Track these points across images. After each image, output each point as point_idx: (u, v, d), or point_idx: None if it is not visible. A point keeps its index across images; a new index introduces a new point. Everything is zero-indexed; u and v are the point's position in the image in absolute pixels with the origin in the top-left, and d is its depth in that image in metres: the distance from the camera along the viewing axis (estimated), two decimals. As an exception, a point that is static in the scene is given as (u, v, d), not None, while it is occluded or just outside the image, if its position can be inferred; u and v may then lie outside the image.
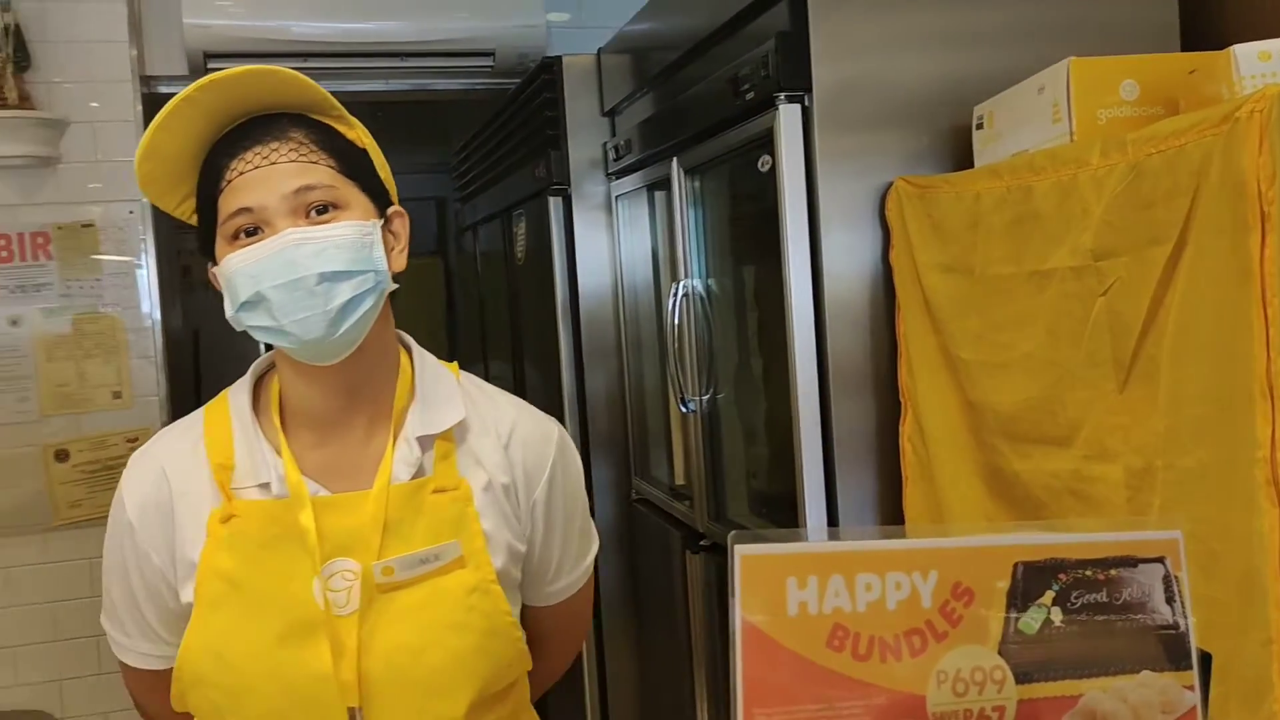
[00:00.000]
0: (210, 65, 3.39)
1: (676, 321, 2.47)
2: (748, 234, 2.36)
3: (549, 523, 1.28)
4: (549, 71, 3.07)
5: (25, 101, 3.12)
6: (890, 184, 1.90)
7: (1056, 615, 0.81)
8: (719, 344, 2.43)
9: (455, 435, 1.22)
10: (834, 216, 1.92)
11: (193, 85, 1.09)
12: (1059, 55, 1.63)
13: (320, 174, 1.12)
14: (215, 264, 1.17)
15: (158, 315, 3.31)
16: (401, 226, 1.22)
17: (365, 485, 1.18)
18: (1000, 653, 0.80)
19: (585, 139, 3.04)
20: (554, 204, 3.05)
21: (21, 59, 3.13)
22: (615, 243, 3.02)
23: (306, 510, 1.14)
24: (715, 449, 2.47)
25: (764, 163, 2.00)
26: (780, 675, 0.74)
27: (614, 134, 3.03)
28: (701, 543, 2.49)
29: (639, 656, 3.11)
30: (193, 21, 3.30)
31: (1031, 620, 0.80)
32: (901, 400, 1.88)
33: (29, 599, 3.22)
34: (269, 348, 1.21)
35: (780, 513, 2.26)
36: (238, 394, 1.24)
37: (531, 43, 3.53)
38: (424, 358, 1.27)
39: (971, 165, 1.85)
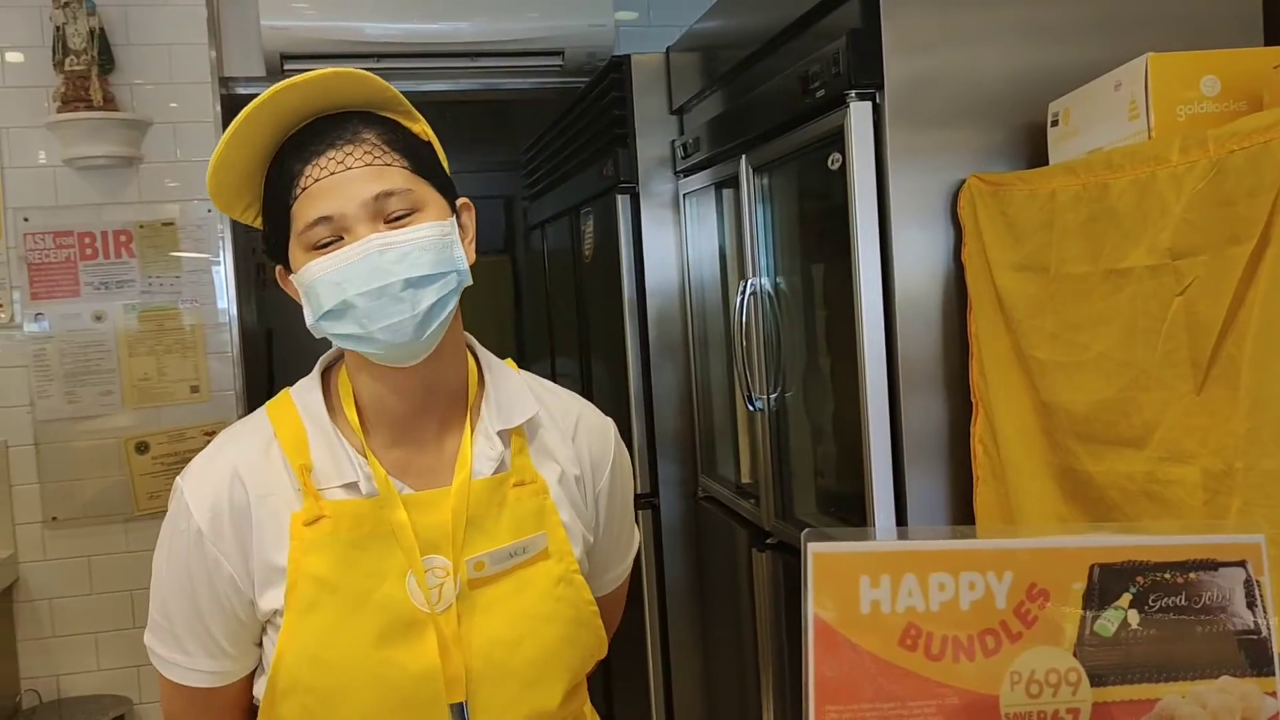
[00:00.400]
0: (286, 67, 3.46)
1: (744, 319, 2.47)
2: (816, 232, 2.35)
3: (610, 513, 1.32)
4: (617, 70, 3.08)
5: (109, 103, 3.21)
6: (962, 181, 1.88)
7: (1134, 618, 0.80)
8: (786, 342, 2.43)
9: (526, 430, 1.23)
10: (905, 214, 1.90)
11: (267, 92, 1.08)
12: (1136, 50, 1.61)
13: (396, 177, 1.11)
14: (288, 270, 1.16)
15: (234, 311, 3.39)
16: (469, 218, 1.22)
17: (444, 482, 1.18)
18: (1075, 655, 0.79)
19: (653, 137, 3.05)
20: (621, 202, 3.06)
21: (106, 62, 3.22)
22: (683, 241, 3.03)
23: (399, 508, 1.13)
24: (782, 447, 2.47)
25: (834, 160, 1.99)
26: (852, 673, 0.74)
27: (682, 132, 3.03)
28: (768, 541, 2.49)
29: (704, 652, 3.12)
30: (269, 24, 3.37)
31: (1108, 622, 0.80)
32: (973, 400, 1.86)
33: (110, 587, 3.31)
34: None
35: (848, 512, 2.25)
36: (306, 394, 1.22)
37: (600, 42, 3.55)
38: (488, 355, 1.28)
39: (1046, 163, 1.83)
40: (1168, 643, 0.80)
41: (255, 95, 3.36)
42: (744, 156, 2.46)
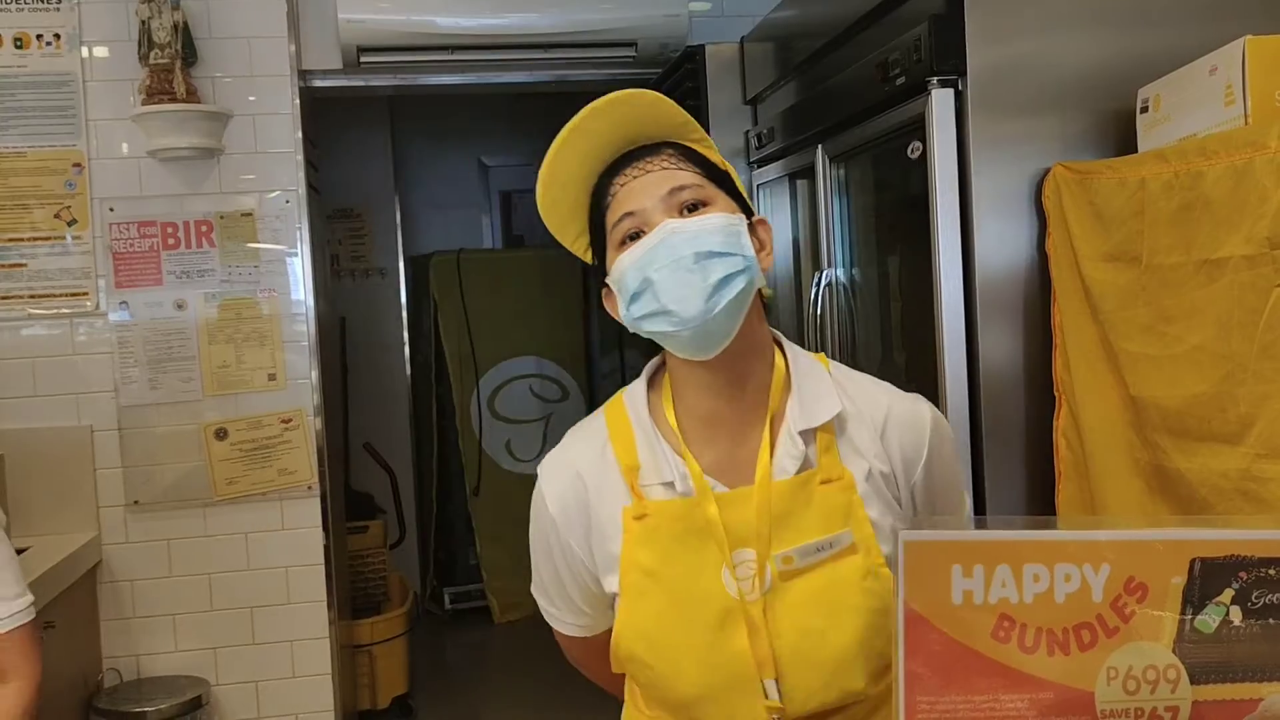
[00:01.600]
0: (363, 60, 3.50)
1: (819, 311, 2.45)
2: (894, 222, 2.32)
3: (930, 498, 1.31)
4: (691, 61, 3.07)
5: (192, 95, 3.26)
6: (1047, 170, 1.84)
7: (1236, 615, 0.77)
8: (862, 334, 2.40)
9: (834, 426, 1.26)
10: (987, 204, 1.87)
11: (578, 115, 1.23)
12: (1229, 36, 1.56)
13: (688, 177, 1.23)
14: (609, 272, 1.26)
15: (310, 302, 3.43)
16: (766, 234, 1.29)
17: (749, 479, 1.25)
18: (1175, 651, 0.77)
19: (727, 128, 3.03)
20: (695, 193, 3.04)
21: (189, 55, 3.28)
22: (756, 232, 3.00)
23: (713, 506, 1.23)
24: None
25: (914, 149, 1.96)
26: (944, 664, 0.72)
27: (756, 122, 3.01)
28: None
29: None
30: (347, 17, 3.40)
31: (1209, 619, 0.77)
32: (1056, 394, 1.82)
33: (188, 570, 3.37)
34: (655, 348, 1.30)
35: (923, 507, 2.21)
36: (634, 397, 1.33)
37: (673, 32, 3.53)
38: (795, 352, 1.32)
39: (1134, 151, 1.78)
40: (1271, 641, 0.77)
41: (332, 88, 3.38)
42: (820, 146, 2.43)
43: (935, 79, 1.87)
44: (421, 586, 5.63)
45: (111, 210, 3.34)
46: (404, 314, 5.65)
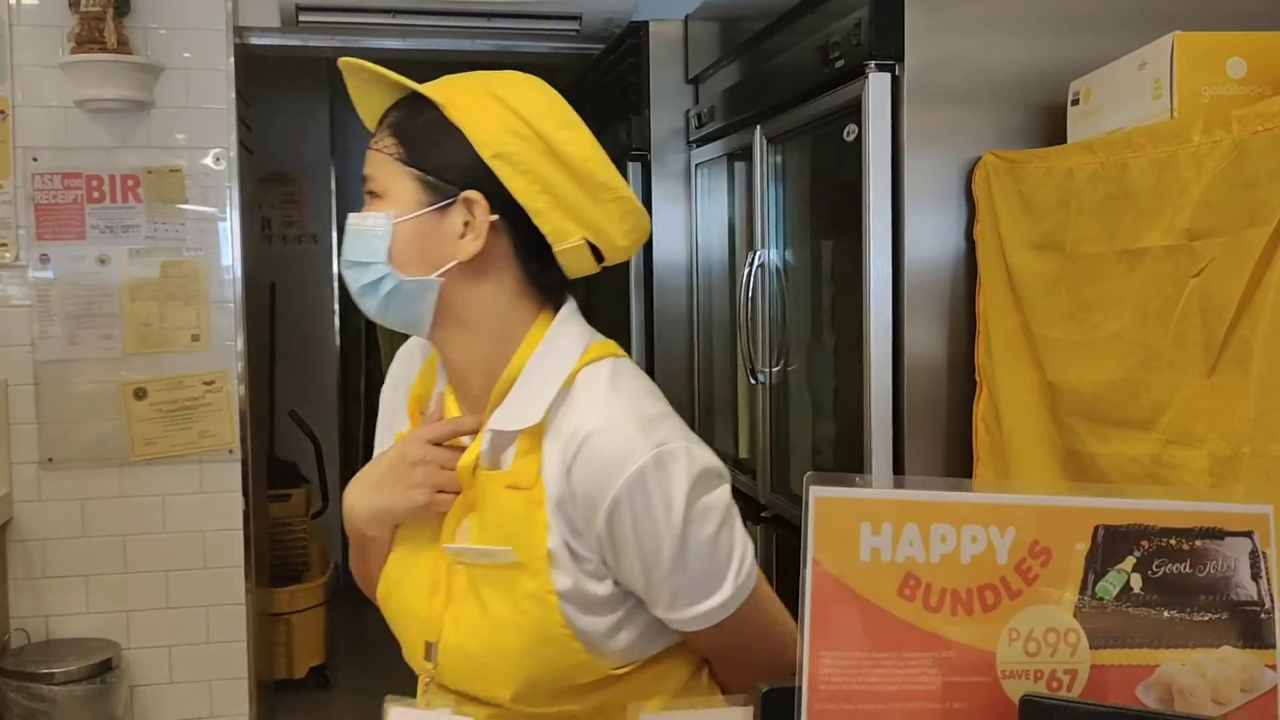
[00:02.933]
0: (301, 19, 3.43)
1: (750, 292, 2.46)
2: (827, 206, 2.34)
3: (618, 556, 1.13)
4: (635, 36, 3.06)
5: (123, 46, 3.18)
6: (978, 159, 1.87)
7: (1136, 582, 0.78)
8: (792, 317, 2.41)
9: (544, 434, 1.14)
10: (919, 190, 1.89)
11: (346, 64, 1.19)
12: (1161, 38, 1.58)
13: (377, 165, 1.17)
14: None
15: (239, 263, 3.37)
16: (479, 213, 1.14)
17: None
18: (1075, 616, 0.78)
19: (668, 107, 3.03)
20: (633, 170, 3.04)
21: (121, 4, 3.19)
22: (693, 212, 3.01)
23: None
24: (782, 421, 2.46)
25: (849, 131, 1.97)
26: (849, 620, 0.73)
27: (697, 101, 3.01)
28: (763, 514, 2.48)
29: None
30: (286, -27, 3.34)
31: (1109, 585, 0.78)
32: (977, 379, 1.85)
33: (103, 531, 3.30)
34: None
35: (845, 488, 2.23)
36: None
37: (618, 8, 3.51)
38: (553, 343, 1.18)
39: (1064, 144, 1.81)
40: (1169, 609, 0.79)
41: (268, 46, 3.33)
42: (759, 127, 2.44)
43: (873, 63, 1.88)
44: (343, 557, 5.57)
45: (35, 160, 3.25)
46: (335, 282, 5.58)
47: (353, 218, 1.18)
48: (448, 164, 1.14)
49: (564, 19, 3.52)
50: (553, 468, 1.12)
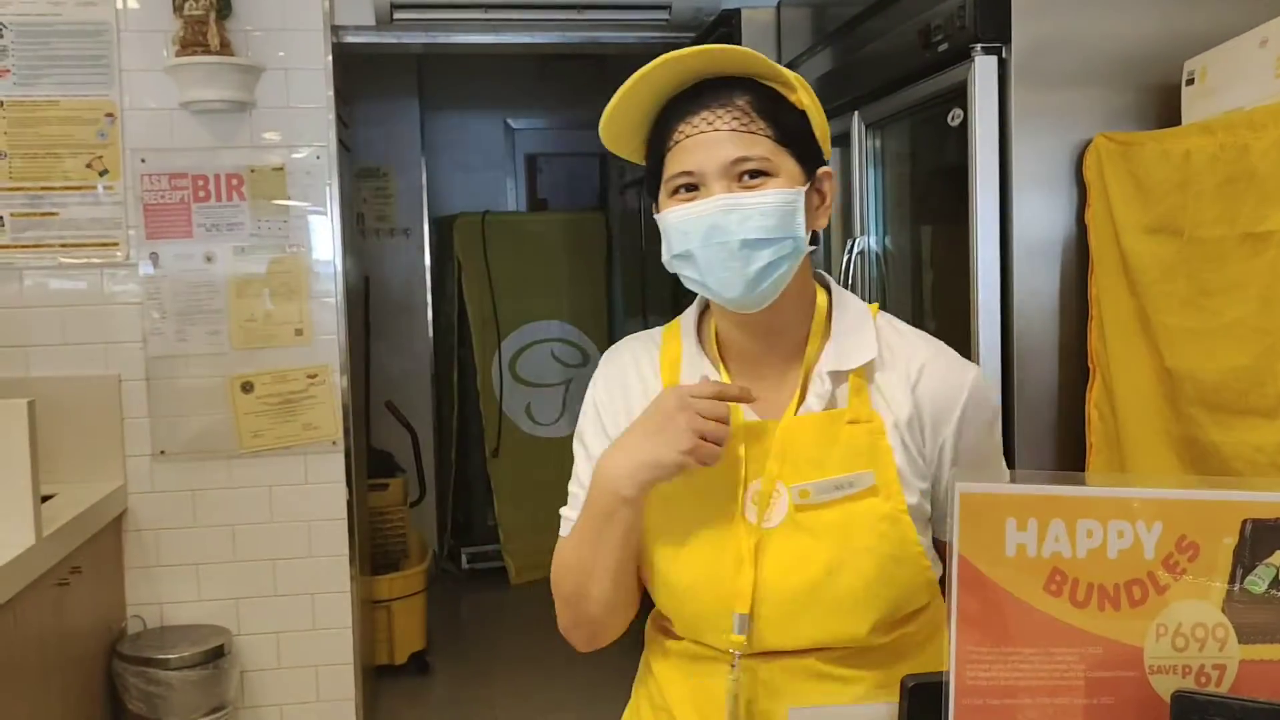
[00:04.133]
0: (396, 16, 3.49)
1: (850, 280, 2.44)
2: (930, 192, 2.31)
3: (959, 460, 1.26)
4: (726, 24, 3.05)
5: (225, 48, 3.26)
6: (1089, 142, 1.83)
7: (1287, 577, 0.77)
8: (893, 303, 2.39)
9: (867, 372, 1.26)
10: (1027, 174, 1.86)
11: (650, 64, 1.20)
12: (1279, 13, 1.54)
13: (756, 145, 1.19)
14: (657, 209, 1.27)
15: (339, 259, 3.44)
16: (829, 187, 1.27)
17: (776, 417, 1.26)
18: (1224, 610, 0.77)
19: (761, 94, 3.01)
20: (726, 159, 3.03)
21: (223, 7, 3.27)
22: (787, 199, 2.99)
23: (740, 432, 1.24)
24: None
25: (955, 116, 1.95)
26: (995, 615, 0.73)
27: (791, 89, 2.99)
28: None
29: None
30: (381, -28, 3.39)
31: (1259, 579, 0.77)
32: (1090, 366, 1.82)
33: (212, 521, 3.40)
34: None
35: (950, 477, 2.21)
36: (687, 321, 1.36)
37: (708, -4, 3.51)
38: (843, 298, 1.32)
39: (1178, 125, 1.77)
40: (1321, 604, 0.77)
41: (364, 44, 3.37)
42: (856, 113, 2.42)
43: (979, 46, 1.86)
44: (439, 545, 5.67)
45: (143, 161, 3.34)
46: (428, 275, 5.66)
47: (757, 195, 1.18)
48: (805, 143, 1.24)
49: (653, 9, 3.53)
50: (895, 393, 1.24)
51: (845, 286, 2.44)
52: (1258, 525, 0.77)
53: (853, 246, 2.43)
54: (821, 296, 1.31)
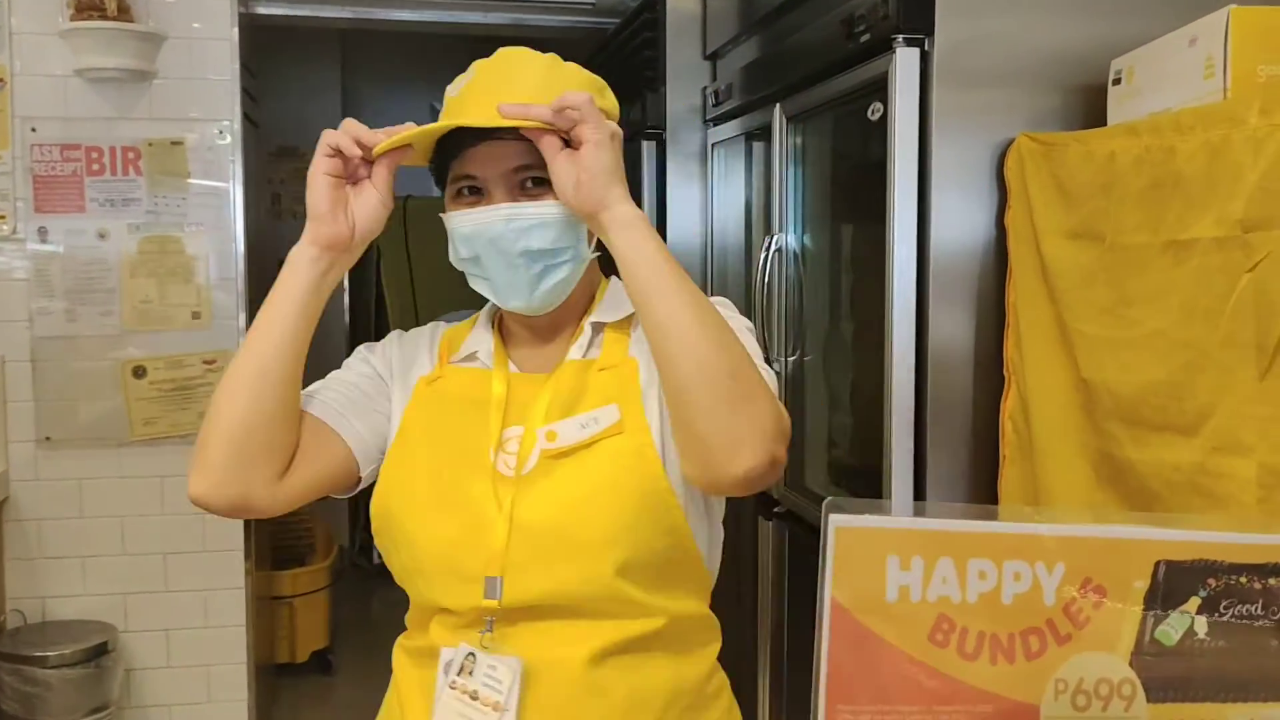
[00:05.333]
0: (309, -12, 3.33)
1: (766, 277, 2.35)
2: (850, 189, 2.23)
3: None
4: (651, 10, 2.95)
5: (124, 13, 3.08)
6: (1011, 141, 1.76)
7: (1201, 626, 0.69)
8: (809, 304, 2.31)
9: (633, 326, 1.28)
10: (947, 173, 1.78)
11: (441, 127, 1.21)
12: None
13: (537, 154, 1.18)
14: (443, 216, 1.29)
15: (242, 240, 3.28)
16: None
17: (547, 370, 1.29)
18: (1132, 664, 0.68)
19: (684, 85, 2.92)
20: (647, 149, 2.94)
21: (122, -30, 3.09)
22: (708, 193, 2.90)
23: (502, 377, 1.27)
24: (799, 413, 2.35)
25: (874, 110, 1.86)
26: (872, 668, 0.63)
27: (715, 79, 2.90)
28: (775, 509, 2.38)
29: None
30: (294, -60, 3.24)
31: (1171, 629, 0.69)
32: (1005, 375, 1.74)
33: (100, 511, 3.23)
34: None
35: (862, 484, 2.14)
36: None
37: (636, -19, 3.40)
38: (617, 284, 1.32)
39: (1104, 126, 1.70)
40: (1238, 657, 0.69)
41: (274, 17, 3.21)
42: (778, 105, 2.33)
43: (901, 38, 1.78)
44: (350, 540, 5.51)
45: (33, 130, 3.15)
46: (345, 260, 5.49)
47: (538, 206, 1.20)
48: None
49: (579, -8, 3.42)
50: (638, 340, 1.25)
51: (762, 285, 2.36)
52: (1172, 567, 0.69)
53: (770, 244, 2.34)
54: (603, 286, 1.34)
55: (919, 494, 1.81)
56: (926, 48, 1.77)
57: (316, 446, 1.26)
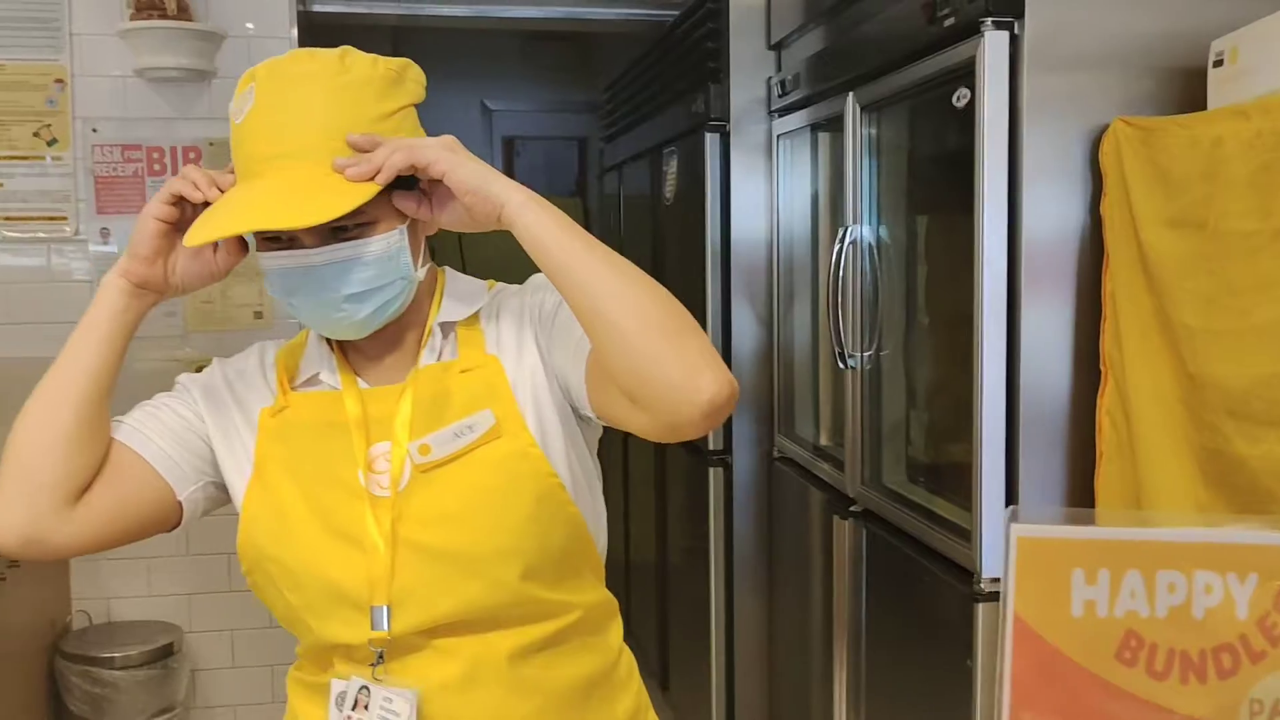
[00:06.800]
0: (365, -15, 3.32)
1: (840, 271, 2.30)
2: (931, 179, 2.17)
3: (556, 322, 1.23)
4: (713, 1, 2.90)
5: (184, 13, 3.08)
6: (1106, 127, 1.69)
7: (1403, 641, 0.64)
8: (886, 297, 2.25)
9: (482, 321, 1.25)
10: (1037, 161, 1.72)
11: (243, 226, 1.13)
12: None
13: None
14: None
15: (302, 238, 3.27)
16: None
17: (396, 381, 1.23)
18: (1330, 683, 0.63)
19: (748, 75, 2.87)
20: (710, 141, 2.89)
21: (181, -31, 3.09)
22: (774, 185, 2.85)
23: (354, 395, 1.20)
24: (875, 409, 2.30)
25: (960, 97, 1.81)
26: (1056, 690, 0.59)
27: (780, 69, 2.85)
28: (852, 508, 2.33)
29: (769, 621, 2.98)
30: (351, -62, 3.23)
31: (1372, 644, 0.64)
32: (1102, 369, 1.68)
33: (164, 512, 3.24)
34: None
35: (945, 484, 2.08)
36: None
37: (695, -28, 3.35)
38: (455, 276, 1.31)
39: (1203, 110, 1.63)
40: None
41: (333, 13, 3.19)
42: (850, 94, 2.27)
43: (990, 20, 1.72)
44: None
45: (94, 131, 3.17)
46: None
47: (354, 246, 1.13)
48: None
49: (638, -16, 3.38)
50: (508, 334, 1.23)
51: (836, 279, 2.31)
52: (1368, 577, 0.64)
53: (844, 236, 2.28)
54: (440, 277, 1.28)
55: (1011, 493, 1.75)
56: (1016, 31, 1.72)
57: (116, 469, 1.20)
